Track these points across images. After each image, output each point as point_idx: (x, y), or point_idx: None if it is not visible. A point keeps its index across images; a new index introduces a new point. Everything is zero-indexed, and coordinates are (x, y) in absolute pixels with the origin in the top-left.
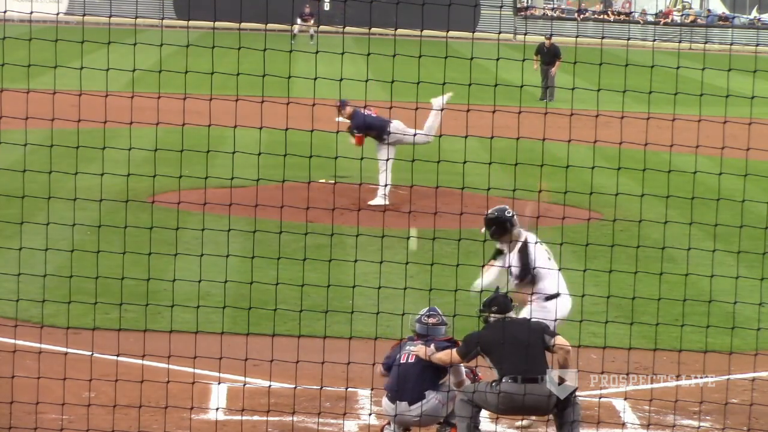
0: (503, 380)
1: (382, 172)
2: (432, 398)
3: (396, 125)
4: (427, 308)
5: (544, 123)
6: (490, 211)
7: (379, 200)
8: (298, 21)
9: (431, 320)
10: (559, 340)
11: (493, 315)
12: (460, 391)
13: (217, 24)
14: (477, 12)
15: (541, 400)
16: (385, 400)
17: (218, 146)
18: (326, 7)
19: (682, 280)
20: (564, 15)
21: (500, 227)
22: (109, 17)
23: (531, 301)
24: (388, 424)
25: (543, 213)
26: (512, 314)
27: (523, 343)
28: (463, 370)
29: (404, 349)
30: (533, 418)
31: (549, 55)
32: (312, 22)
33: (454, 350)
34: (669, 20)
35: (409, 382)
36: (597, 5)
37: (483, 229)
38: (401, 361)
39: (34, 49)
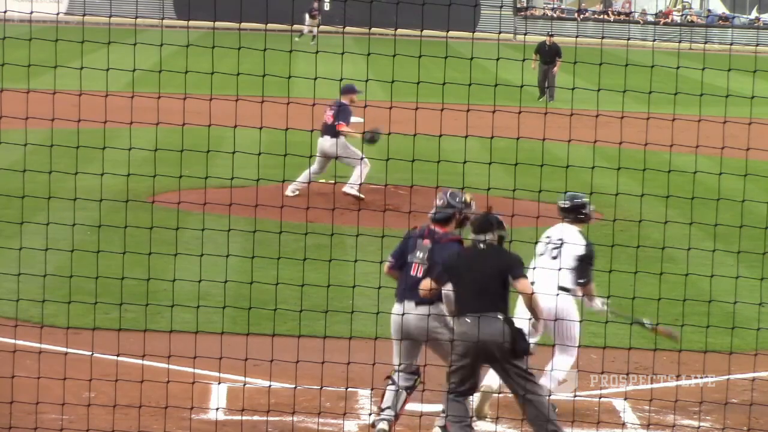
0: (459, 319)
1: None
2: (439, 305)
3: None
4: (449, 191)
5: (544, 123)
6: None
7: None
8: (307, 18)
9: (438, 202)
10: (521, 284)
11: (472, 234)
12: (448, 390)
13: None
14: (477, 12)
15: (491, 343)
16: (394, 306)
17: (218, 146)
18: (326, 7)
19: (682, 280)
20: (564, 15)
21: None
22: (109, 17)
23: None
24: (394, 372)
25: (543, 213)
26: (489, 236)
27: (485, 276)
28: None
29: (414, 256)
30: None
31: (549, 54)
32: (319, 19)
33: (432, 276)
34: (669, 20)
35: (416, 292)
36: (597, 5)
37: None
38: (411, 273)
39: (34, 49)
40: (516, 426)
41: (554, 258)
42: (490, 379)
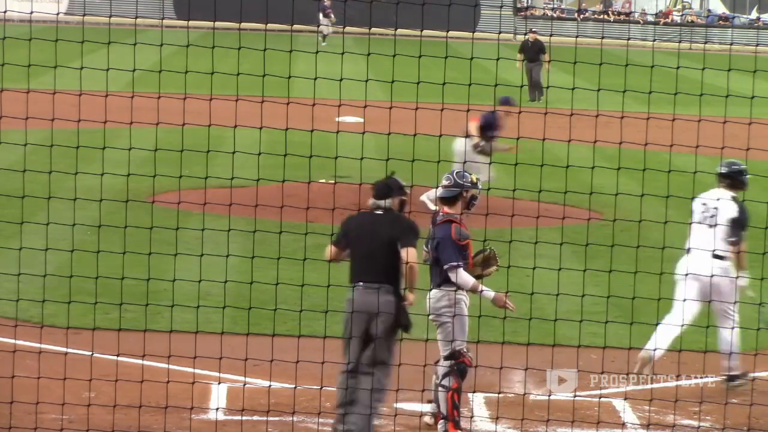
0: (351, 288)
1: None
2: (434, 291)
3: None
4: (456, 171)
5: (544, 123)
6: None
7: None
8: (321, 17)
9: (445, 182)
10: (410, 253)
11: (371, 199)
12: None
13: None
14: (477, 12)
15: (370, 315)
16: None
17: (218, 146)
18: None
19: None
20: (564, 15)
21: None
22: (109, 17)
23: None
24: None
25: (543, 213)
26: (388, 202)
27: (375, 243)
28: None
29: (426, 246)
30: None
31: (533, 51)
32: (333, 17)
33: (332, 240)
34: (669, 20)
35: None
36: (597, 5)
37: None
38: (426, 262)
39: (34, 49)
40: (516, 426)
41: (711, 226)
42: (652, 343)
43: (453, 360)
